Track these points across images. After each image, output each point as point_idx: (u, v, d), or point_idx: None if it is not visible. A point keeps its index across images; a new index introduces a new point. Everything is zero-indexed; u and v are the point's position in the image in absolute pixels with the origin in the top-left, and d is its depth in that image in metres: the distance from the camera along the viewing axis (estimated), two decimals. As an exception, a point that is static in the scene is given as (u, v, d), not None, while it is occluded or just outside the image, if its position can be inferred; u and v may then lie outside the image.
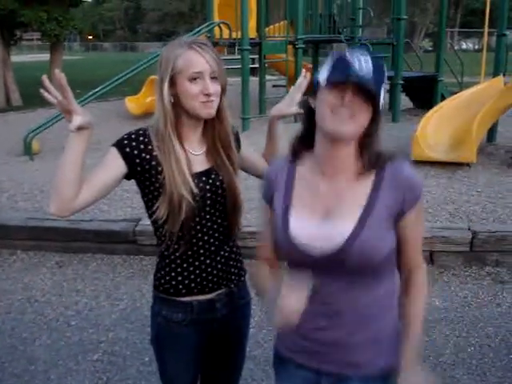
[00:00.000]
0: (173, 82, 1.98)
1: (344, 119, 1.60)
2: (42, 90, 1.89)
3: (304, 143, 1.80)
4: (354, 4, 12.10)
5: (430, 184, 6.83)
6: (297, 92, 2.33)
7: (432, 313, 4.35)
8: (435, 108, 8.89)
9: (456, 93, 9.94)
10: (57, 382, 3.68)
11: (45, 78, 1.84)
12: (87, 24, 22.49)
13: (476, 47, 48.02)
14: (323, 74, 1.64)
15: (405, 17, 11.58)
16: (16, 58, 27.09)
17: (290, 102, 2.33)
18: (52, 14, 18.22)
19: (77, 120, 1.84)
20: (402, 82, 11.49)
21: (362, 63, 1.59)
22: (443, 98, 10.97)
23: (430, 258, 5.16)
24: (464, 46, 50.07)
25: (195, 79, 1.96)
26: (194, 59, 1.95)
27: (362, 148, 1.72)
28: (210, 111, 2.00)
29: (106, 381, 3.68)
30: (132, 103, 12.98)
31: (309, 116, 1.75)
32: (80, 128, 1.86)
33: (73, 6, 20.52)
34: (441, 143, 8.06)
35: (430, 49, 37.06)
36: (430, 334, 4.07)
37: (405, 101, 12.71)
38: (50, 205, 1.91)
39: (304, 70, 2.43)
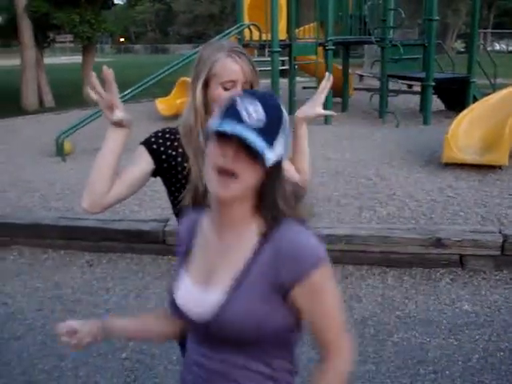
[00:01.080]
0: (206, 84, 2.05)
1: (224, 180, 1.42)
2: (88, 87, 1.96)
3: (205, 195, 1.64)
4: (385, 5, 12.01)
5: (461, 187, 6.76)
6: (321, 94, 2.37)
7: (461, 317, 4.31)
8: (467, 110, 8.78)
9: (488, 94, 9.79)
10: (85, 379, 3.73)
11: (93, 74, 1.90)
12: (119, 26, 22.69)
13: (510, 48, 47.34)
14: (213, 123, 1.45)
15: (436, 18, 11.47)
16: (49, 59, 27.49)
17: (315, 104, 2.37)
18: (84, 16, 18.46)
19: (118, 114, 1.91)
20: (433, 83, 11.38)
21: (251, 111, 1.40)
22: (475, 100, 10.82)
23: (460, 261, 5.10)
24: (497, 47, 49.36)
25: (228, 87, 2.02)
26: (231, 67, 2.03)
27: (258, 207, 1.52)
28: None
29: (133, 379, 3.71)
30: (162, 105, 13.07)
31: None
32: (119, 124, 1.93)
33: (105, 9, 20.75)
34: (472, 145, 7.97)
35: (463, 50, 36.69)
36: (458, 338, 4.03)
37: (436, 103, 12.59)
38: (82, 200, 1.96)
39: (327, 73, 2.46)
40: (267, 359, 1.53)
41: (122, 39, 74.69)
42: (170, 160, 2.08)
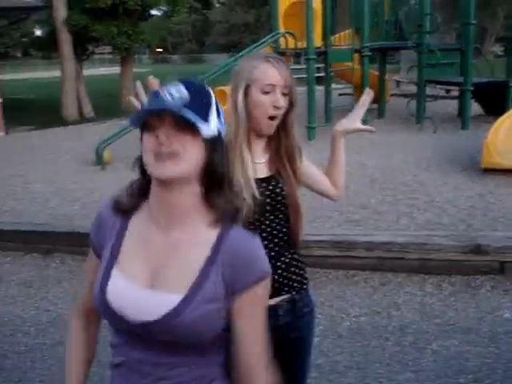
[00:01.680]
0: (246, 92, 2.08)
1: (165, 161, 1.39)
2: (130, 97, 2.01)
3: (140, 191, 1.55)
4: (421, 9, 11.91)
5: (501, 192, 6.67)
6: (361, 109, 2.38)
7: (502, 325, 4.24)
8: (506, 114, 8.66)
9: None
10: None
11: (138, 82, 1.95)
12: (156, 37, 22.95)
13: (550, 51, 46.39)
14: (137, 115, 1.46)
15: (474, 22, 11.33)
16: (88, 71, 27.97)
17: (354, 119, 2.38)
18: (122, 28, 18.74)
19: None
20: (471, 88, 11.25)
21: (173, 92, 1.40)
22: (515, 104, 10.67)
23: (501, 268, 5.02)
24: (538, 51, 48.43)
25: (267, 92, 2.04)
26: (269, 72, 2.05)
27: (208, 193, 1.48)
28: (270, 130, 2.10)
29: None
30: (199, 114, 13.17)
31: (139, 161, 1.52)
32: None
33: (142, 20, 21.03)
34: (512, 150, 7.85)
35: (501, 54, 36.10)
36: (499, 346, 3.97)
37: (475, 107, 12.42)
38: None
39: (367, 89, 2.46)
40: (204, 359, 1.51)
41: (160, 50, 75.41)
42: None
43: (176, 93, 1.40)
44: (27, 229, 6.43)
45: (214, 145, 1.44)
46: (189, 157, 1.40)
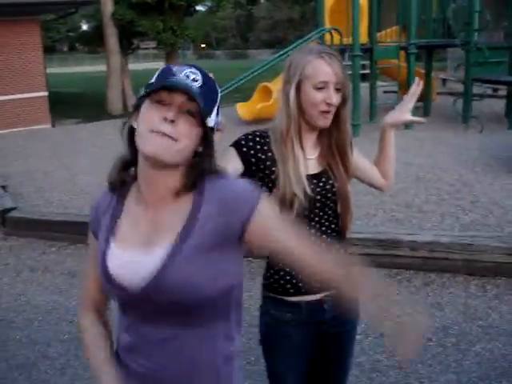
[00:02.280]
0: (298, 87, 2.06)
1: (166, 141, 1.38)
2: None
3: (126, 167, 1.54)
4: (469, 7, 11.73)
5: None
6: (410, 100, 2.35)
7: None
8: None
9: None
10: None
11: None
12: (201, 33, 23.09)
13: None
14: (149, 84, 1.45)
15: (524, 20, 11.11)
16: (133, 65, 28.29)
17: (404, 110, 2.35)
18: (168, 23, 18.92)
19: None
20: (520, 87, 11.03)
21: (189, 74, 1.41)
22: None
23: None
24: None
25: (320, 88, 2.03)
26: (323, 68, 2.03)
27: (189, 168, 1.47)
28: (326, 122, 2.07)
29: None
30: (243, 109, 13.22)
31: (131, 138, 1.49)
32: (218, 129, 1.97)
33: (187, 16, 21.19)
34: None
35: (552, 53, 35.26)
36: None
37: (523, 107, 12.17)
38: None
39: (418, 78, 2.43)
40: (207, 326, 1.50)
41: (204, 45, 75.91)
42: (258, 163, 2.09)
43: (193, 76, 1.42)
44: (73, 220, 6.55)
45: (207, 138, 1.46)
46: (184, 142, 1.40)
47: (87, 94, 26.13)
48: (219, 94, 1.50)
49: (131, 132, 1.49)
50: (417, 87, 2.36)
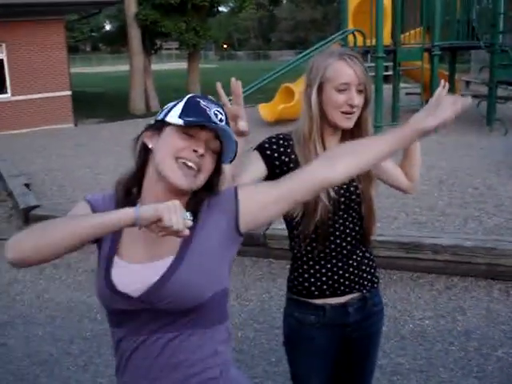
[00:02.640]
0: (320, 90, 2.06)
1: (190, 173, 1.50)
2: (219, 86, 2.04)
3: (135, 183, 1.60)
4: (494, 9, 11.62)
5: None
6: (436, 102, 2.32)
7: None
8: None
9: None
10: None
11: (219, 84, 1.98)
12: (223, 33, 23.17)
13: None
14: (175, 112, 1.52)
15: (550, 22, 10.98)
16: (156, 66, 28.45)
17: (429, 113, 2.33)
18: (191, 24, 19.02)
19: (243, 124, 1.98)
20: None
21: (217, 113, 1.54)
22: None
23: None
24: None
25: (342, 90, 2.03)
26: (344, 70, 2.03)
27: (197, 193, 1.57)
28: (349, 124, 2.07)
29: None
30: (265, 110, 13.21)
31: (141, 154, 1.58)
32: (241, 133, 1.98)
33: (210, 16, 21.26)
34: None
35: None
36: None
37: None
38: None
39: (443, 80, 2.41)
40: (205, 329, 1.56)
41: (226, 46, 76.10)
42: (282, 166, 2.10)
43: (220, 116, 1.54)
44: (95, 218, 6.59)
45: (221, 167, 1.60)
46: (208, 171, 1.53)
47: (110, 93, 26.33)
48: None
49: (143, 149, 1.57)
50: (443, 90, 2.34)
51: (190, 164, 1.48)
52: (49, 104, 16.11)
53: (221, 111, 1.55)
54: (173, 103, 1.57)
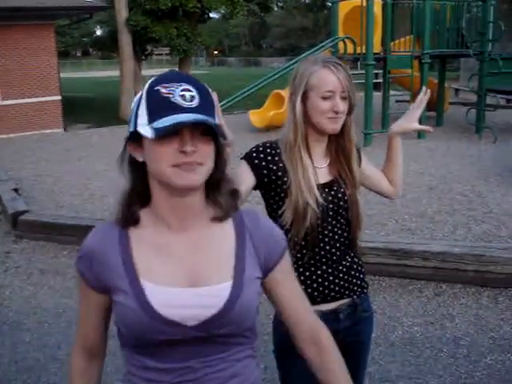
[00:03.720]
0: (305, 97, 2.06)
1: (188, 171, 1.32)
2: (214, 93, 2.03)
3: (137, 200, 1.44)
4: (484, 18, 11.71)
5: None
6: (417, 108, 2.37)
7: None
8: None
9: None
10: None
11: (214, 93, 1.97)
12: (214, 40, 23.22)
13: None
14: (142, 119, 1.33)
15: (539, 31, 11.07)
16: (146, 72, 28.45)
17: (411, 118, 2.38)
18: (181, 30, 19.02)
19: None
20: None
21: (185, 94, 1.30)
22: None
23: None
24: None
25: (327, 98, 2.03)
26: (329, 78, 2.03)
27: (212, 188, 1.44)
28: (335, 127, 2.07)
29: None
30: (255, 116, 13.24)
31: (134, 168, 1.42)
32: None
33: (201, 22, 21.29)
34: None
35: None
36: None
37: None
38: None
39: (425, 87, 2.45)
40: (247, 347, 1.51)
41: (216, 52, 76.22)
42: (270, 174, 2.10)
43: (188, 94, 1.31)
44: (85, 223, 6.57)
45: (219, 145, 1.41)
46: (209, 163, 1.36)
47: (100, 98, 26.26)
48: (211, 92, 1.41)
49: (133, 163, 1.42)
50: (424, 96, 2.37)
51: (188, 164, 1.31)
52: (38, 109, 16.04)
53: (187, 86, 1.31)
54: (135, 103, 1.37)
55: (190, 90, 1.31)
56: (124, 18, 18.66)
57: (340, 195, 2.13)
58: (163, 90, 1.30)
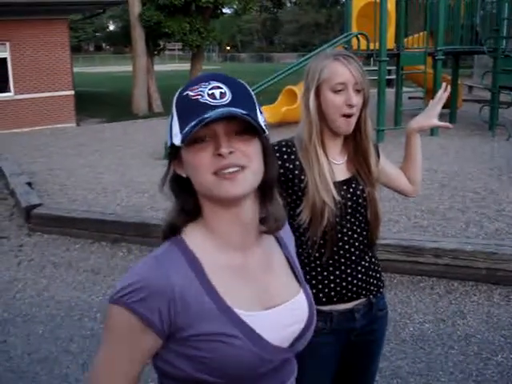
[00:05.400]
0: (318, 93, 2.03)
1: (231, 177, 1.18)
2: None
3: (189, 219, 1.29)
4: (498, 14, 11.64)
5: None
6: (437, 105, 2.34)
7: None
8: None
9: None
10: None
11: None
12: (226, 35, 23.19)
13: None
14: (175, 128, 1.21)
15: (554, 27, 10.99)
16: (158, 67, 28.49)
17: (430, 115, 2.34)
18: (194, 25, 19.02)
19: None
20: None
21: (214, 92, 1.18)
22: None
23: None
24: None
25: (339, 91, 2.00)
26: (340, 70, 2.00)
27: (263, 194, 1.30)
28: (348, 129, 2.04)
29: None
30: (268, 112, 13.18)
31: (179, 185, 1.28)
32: None
33: (214, 18, 21.28)
34: None
35: None
36: None
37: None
38: None
39: (445, 83, 2.42)
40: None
41: (229, 47, 76.15)
42: (287, 173, 2.06)
43: (218, 92, 1.19)
44: (97, 217, 6.61)
45: (266, 144, 1.26)
46: (254, 164, 1.21)
47: (112, 93, 26.33)
48: (249, 88, 1.28)
49: (177, 180, 1.27)
50: (443, 92, 2.35)
51: (229, 171, 1.17)
52: (51, 103, 16.12)
53: (217, 84, 1.20)
54: (170, 116, 1.27)
55: (219, 87, 1.19)
56: (137, 13, 18.70)
57: (359, 192, 2.10)
58: (191, 94, 1.20)
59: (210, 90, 1.19)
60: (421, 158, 2.38)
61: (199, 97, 1.18)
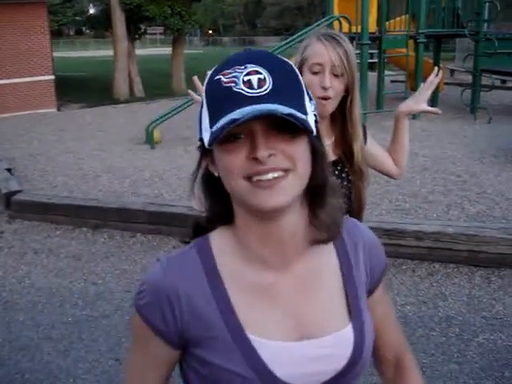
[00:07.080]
0: (300, 71, 1.97)
1: (269, 185, 0.97)
2: (195, 77, 2.01)
3: (218, 223, 1.13)
4: (479, -3, 11.65)
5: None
6: (427, 89, 2.32)
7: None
8: None
9: None
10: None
11: (195, 78, 1.94)
12: (208, 19, 23.04)
13: None
14: (205, 119, 1.00)
15: (535, 10, 11.02)
16: (139, 51, 28.23)
17: (420, 100, 2.32)
18: (175, 8, 18.86)
19: None
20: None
21: (251, 79, 0.95)
22: None
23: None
24: None
25: (316, 72, 1.97)
26: (318, 51, 1.96)
27: (312, 201, 1.09)
28: (324, 111, 1.99)
29: None
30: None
31: (212, 186, 1.08)
32: None
33: (195, 1, 21.11)
34: None
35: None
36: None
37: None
38: None
39: (436, 68, 2.41)
40: None
41: (211, 31, 75.62)
42: None
43: (256, 78, 0.96)
44: (78, 203, 6.55)
45: (316, 142, 1.04)
46: (300, 168, 0.99)
47: (93, 78, 26.08)
48: (295, 69, 1.05)
49: (209, 178, 1.09)
50: (435, 77, 2.33)
51: (268, 177, 0.96)
52: (32, 88, 15.93)
53: (255, 68, 0.96)
54: (200, 102, 1.06)
55: (258, 72, 0.96)
56: (118, -3, 18.50)
57: (344, 175, 2.09)
58: (224, 79, 0.97)
59: (245, 75, 0.96)
60: (408, 141, 2.38)
61: (233, 84, 0.96)
